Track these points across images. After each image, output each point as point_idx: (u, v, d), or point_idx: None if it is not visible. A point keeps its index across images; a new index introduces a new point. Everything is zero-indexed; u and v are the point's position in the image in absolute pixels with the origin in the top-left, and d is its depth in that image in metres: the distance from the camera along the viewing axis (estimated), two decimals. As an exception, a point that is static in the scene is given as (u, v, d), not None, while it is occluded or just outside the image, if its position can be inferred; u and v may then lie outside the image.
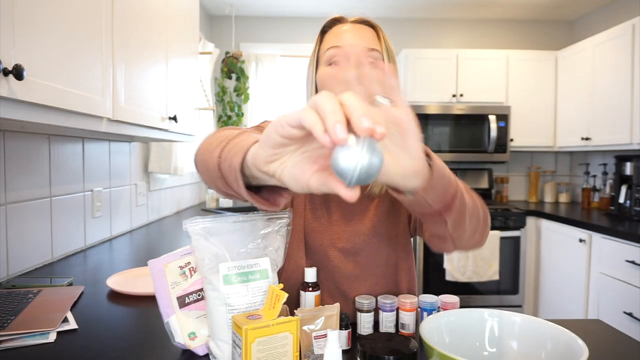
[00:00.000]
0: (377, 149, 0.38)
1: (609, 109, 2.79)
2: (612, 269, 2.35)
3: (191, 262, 0.74)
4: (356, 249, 0.92)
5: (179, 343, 0.73)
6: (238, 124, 3.49)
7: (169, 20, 1.71)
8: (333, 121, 0.37)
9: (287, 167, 0.44)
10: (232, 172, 0.52)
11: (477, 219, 0.70)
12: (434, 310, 0.83)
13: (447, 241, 0.70)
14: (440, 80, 3.34)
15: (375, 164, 0.38)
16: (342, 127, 0.36)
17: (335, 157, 0.38)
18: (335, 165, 0.38)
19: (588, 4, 3.32)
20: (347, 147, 0.37)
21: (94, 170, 1.75)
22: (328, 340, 0.59)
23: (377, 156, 0.38)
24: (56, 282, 1.20)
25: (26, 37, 0.84)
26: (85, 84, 1.06)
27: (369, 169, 0.38)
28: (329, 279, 0.93)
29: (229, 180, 0.55)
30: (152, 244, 1.80)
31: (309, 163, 0.43)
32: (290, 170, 0.44)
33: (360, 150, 0.37)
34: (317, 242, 0.93)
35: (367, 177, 0.38)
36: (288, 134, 0.41)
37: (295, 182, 0.44)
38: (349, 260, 0.92)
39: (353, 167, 0.37)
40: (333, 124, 0.36)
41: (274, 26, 3.65)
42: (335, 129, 0.36)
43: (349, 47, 0.84)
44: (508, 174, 3.73)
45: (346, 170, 0.37)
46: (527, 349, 0.67)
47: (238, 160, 0.51)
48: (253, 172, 0.49)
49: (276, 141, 0.43)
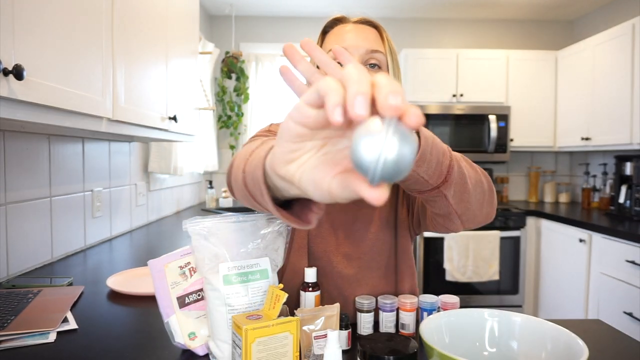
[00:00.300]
0: (408, 137, 0.30)
1: (609, 109, 2.79)
2: (612, 269, 2.35)
3: (191, 262, 0.74)
4: (359, 253, 0.92)
5: (179, 343, 0.73)
6: (238, 124, 3.49)
7: (169, 20, 1.71)
8: (356, 91, 0.29)
9: (306, 171, 0.37)
10: (256, 185, 0.47)
11: (482, 190, 0.67)
12: (434, 311, 0.83)
13: (452, 218, 0.66)
14: (440, 80, 3.34)
15: (405, 155, 0.30)
16: (364, 101, 0.29)
17: (356, 145, 0.31)
18: (355, 156, 0.31)
19: (588, 3, 3.32)
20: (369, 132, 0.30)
21: (94, 170, 1.75)
22: (328, 340, 0.59)
23: (408, 145, 0.30)
24: (56, 282, 1.20)
25: (26, 37, 0.84)
26: (85, 84, 1.06)
27: (398, 162, 0.30)
28: (331, 284, 0.92)
29: (256, 197, 0.50)
30: (152, 244, 1.80)
31: (331, 165, 0.36)
32: (309, 174, 0.37)
33: (385, 136, 0.29)
34: (321, 247, 0.92)
35: (396, 172, 0.30)
36: (305, 117, 0.34)
37: (315, 187, 0.37)
38: (352, 265, 0.92)
39: (376, 157, 0.30)
40: (354, 94, 0.29)
41: (274, 26, 3.65)
42: (355, 101, 0.29)
43: (351, 49, 0.82)
44: (508, 174, 3.74)
45: (368, 161, 0.30)
46: (527, 349, 0.67)
47: (260, 172, 0.46)
48: (274, 180, 0.43)
49: (293, 131, 0.36)
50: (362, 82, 0.30)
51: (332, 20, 0.89)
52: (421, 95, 3.33)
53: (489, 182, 0.70)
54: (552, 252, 2.94)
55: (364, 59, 0.83)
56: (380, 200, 0.31)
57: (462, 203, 0.63)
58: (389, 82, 0.30)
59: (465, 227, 0.71)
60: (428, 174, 0.53)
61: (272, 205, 0.46)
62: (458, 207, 0.63)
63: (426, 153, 0.51)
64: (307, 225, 0.48)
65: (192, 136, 2.02)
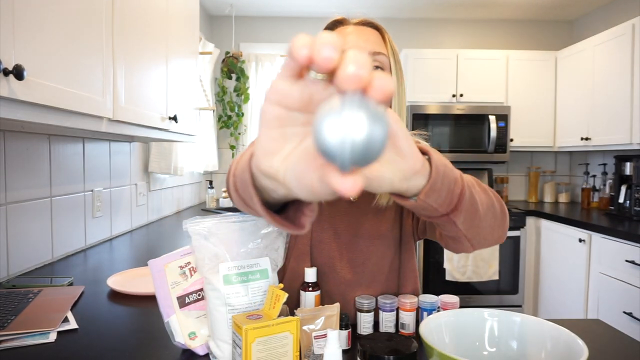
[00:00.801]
0: (376, 112, 0.26)
1: (608, 109, 2.79)
2: (611, 269, 2.35)
3: (191, 262, 0.74)
4: (363, 259, 0.91)
5: (179, 343, 0.73)
6: (238, 124, 3.49)
7: (169, 20, 1.71)
8: (323, 41, 0.26)
9: (289, 165, 0.34)
10: (246, 189, 0.45)
11: (494, 215, 0.65)
12: (434, 310, 0.83)
13: (462, 242, 0.65)
14: (440, 80, 3.34)
15: (376, 133, 0.26)
16: (332, 47, 0.26)
17: (318, 128, 0.26)
18: (318, 141, 0.26)
19: (588, 4, 3.32)
20: (331, 110, 0.26)
21: (94, 170, 1.75)
22: (328, 340, 0.59)
23: (377, 122, 0.26)
24: (56, 282, 1.20)
25: (26, 37, 0.84)
26: (86, 84, 1.06)
27: (368, 141, 0.25)
28: (334, 289, 0.92)
29: (246, 200, 0.48)
30: (152, 244, 1.80)
31: (313, 157, 0.33)
32: (293, 169, 0.34)
33: (349, 113, 0.25)
34: (325, 254, 0.91)
35: (367, 154, 0.26)
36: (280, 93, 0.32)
37: (298, 183, 0.34)
38: (355, 271, 0.91)
39: (341, 139, 0.25)
40: (322, 44, 0.26)
41: (274, 26, 3.65)
42: (322, 46, 0.26)
43: None
44: (508, 174, 3.74)
45: (333, 145, 0.26)
46: (527, 349, 0.67)
47: (247, 174, 0.44)
48: (261, 180, 0.40)
49: (270, 114, 0.33)
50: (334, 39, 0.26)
51: (332, 22, 0.86)
52: (421, 95, 3.33)
53: (502, 206, 0.69)
54: (551, 252, 2.94)
55: None
56: (354, 190, 0.28)
57: (473, 228, 0.61)
58: (355, 53, 0.26)
59: (475, 250, 0.69)
60: (438, 202, 0.51)
61: (262, 208, 0.44)
62: (468, 232, 0.61)
63: (437, 183, 0.49)
64: (300, 230, 0.45)
65: (192, 136, 2.02)
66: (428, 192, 0.49)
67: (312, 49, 0.27)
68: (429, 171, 0.48)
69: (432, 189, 0.49)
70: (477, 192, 0.60)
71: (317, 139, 0.26)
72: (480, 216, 0.60)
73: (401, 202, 0.51)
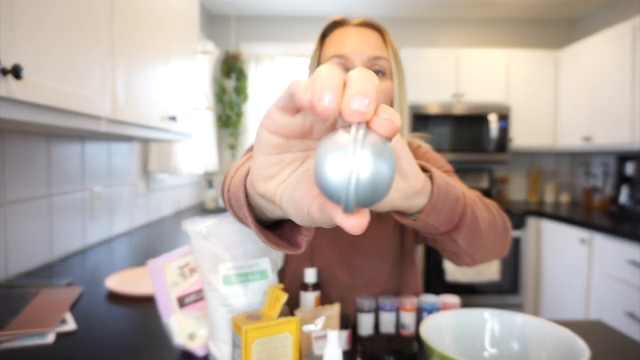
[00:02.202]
0: (383, 149, 0.24)
1: (610, 109, 2.78)
2: (613, 269, 2.34)
3: (191, 263, 0.74)
4: (364, 264, 0.91)
5: (178, 343, 0.73)
6: (238, 124, 3.49)
7: (168, 20, 1.70)
8: (323, 84, 0.25)
9: (287, 190, 0.33)
10: (240, 208, 0.43)
11: (496, 232, 0.65)
12: (434, 311, 0.83)
13: (462, 257, 0.65)
14: (440, 80, 3.33)
15: (382, 172, 0.24)
16: (333, 93, 0.24)
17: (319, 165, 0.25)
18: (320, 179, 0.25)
19: (589, 3, 3.31)
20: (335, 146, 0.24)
21: (93, 170, 1.74)
22: (328, 340, 0.59)
23: (384, 160, 0.24)
24: (55, 282, 1.19)
25: (25, 36, 0.84)
26: (85, 83, 1.06)
27: (374, 181, 0.24)
28: (335, 294, 0.91)
29: (241, 218, 0.46)
30: (151, 244, 1.80)
31: (313, 183, 0.31)
32: (290, 194, 0.33)
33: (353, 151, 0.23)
34: (325, 259, 0.91)
35: (373, 195, 0.25)
36: (278, 124, 0.30)
37: (295, 209, 0.32)
38: (356, 276, 0.91)
39: (346, 179, 0.24)
40: (321, 88, 0.25)
41: (274, 26, 3.65)
42: (322, 93, 0.24)
43: (353, 56, 0.77)
44: (508, 174, 3.73)
45: (337, 185, 0.24)
46: (527, 350, 0.67)
47: (242, 193, 0.42)
48: (256, 200, 0.39)
49: (267, 141, 0.31)
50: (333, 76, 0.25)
51: (332, 23, 0.83)
52: (421, 95, 3.33)
53: (504, 222, 0.68)
54: (552, 252, 2.93)
55: (367, 66, 0.77)
56: (360, 228, 0.27)
57: (474, 245, 0.60)
58: (359, 80, 0.25)
59: (475, 265, 0.69)
60: (438, 221, 0.50)
61: (256, 228, 0.42)
62: (469, 249, 0.60)
63: (438, 203, 0.48)
64: (295, 249, 0.43)
65: (191, 136, 2.02)
66: (429, 212, 0.48)
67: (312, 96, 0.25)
68: (430, 190, 0.47)
69: (433, 209, 0.48)
70: (479, 209, 0.59)
71: (319, 177, 0.25)
72: (482, 233, 0.60)
73: (401, 220, 0.51)
